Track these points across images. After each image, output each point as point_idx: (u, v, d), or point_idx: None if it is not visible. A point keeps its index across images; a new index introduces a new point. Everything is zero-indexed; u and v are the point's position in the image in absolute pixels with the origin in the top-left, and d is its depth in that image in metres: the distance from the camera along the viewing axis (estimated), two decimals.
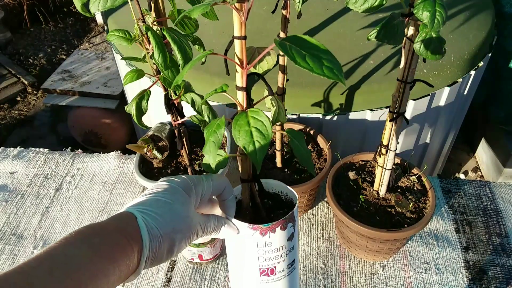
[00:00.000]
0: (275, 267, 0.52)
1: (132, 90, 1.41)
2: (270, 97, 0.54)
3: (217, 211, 0.53)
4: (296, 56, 0.35)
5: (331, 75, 0.35)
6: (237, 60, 0.43)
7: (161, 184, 0.48)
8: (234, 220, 0.51)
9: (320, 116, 1.07)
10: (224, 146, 0.91)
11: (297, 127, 0.99)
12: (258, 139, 0.41)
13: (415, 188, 0.84)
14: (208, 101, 0.66)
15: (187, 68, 0.43)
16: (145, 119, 1.36)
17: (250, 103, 0.48)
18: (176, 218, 0.44)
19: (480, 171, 1.99)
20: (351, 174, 0.86)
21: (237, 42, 0.43)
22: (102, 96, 2.00)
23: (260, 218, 0.53)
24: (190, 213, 0.46)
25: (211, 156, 0.47)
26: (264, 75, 0.51)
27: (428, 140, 1.31)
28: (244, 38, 0.42)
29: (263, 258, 0.51)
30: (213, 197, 0.53)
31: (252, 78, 0.51)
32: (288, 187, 0.56)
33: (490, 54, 1.25)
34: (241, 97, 0.46)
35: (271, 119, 0.54)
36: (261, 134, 0.41)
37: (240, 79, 0.44)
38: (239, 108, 0.48)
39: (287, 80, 0.80)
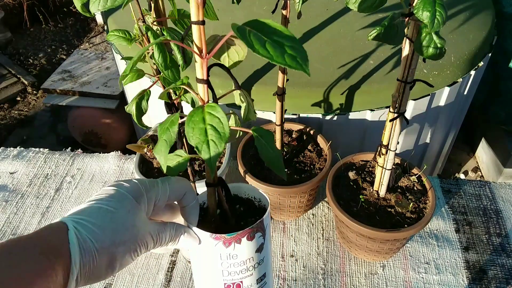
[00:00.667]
0: (241, 282, 0.47)
1: (132, 90, 1.41)
2: (239, 92, 0.49)
3: (179, 219, 0.48)
4: (255, 42, 0.32)
5: (294, 64, 0.31)
6: (195, 49, 0.38)
7: (107, 190, 0.43)
8: (195, 229, 0.46)
9: (320, 116, 1.07)
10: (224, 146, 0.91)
11: (297, 127, 0.99)
12: (213, 138, 0.36)
13: (415, 188, 0.84)
14: None
15: (131, 64, 0.41)
16: (145, 119, 1.36)
17: (214, 98, 0.43)
18: (118, 228, 0.40)
19: (480, 171, 1.99)
20: (351, 174, 0.86)
21: (194, 28, 0.37)
22: (102, 96, 2.00)
23: (229, 227, 0.48)
24: (138, 222, 0.41)
25: (162, 156, 0.43)
26: (233, 67, 0.46)
27: (428, 140, 1.31)
28: (202, 23, 0.37)
29: (228, 271, 0.46)
30: (175, 203, 0.48)
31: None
32: (261, 191, 0.51)
33: (490, 54, 1.25)
34: (201, 90, 0.40)
35: (242, 117, 0.51)
36: (216, 133, 0.36)
37: (200, 70, 0.39)
38: (200, 104, 0.42)
39: (287, 80, 0.80)
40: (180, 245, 0.46)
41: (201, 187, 0.77)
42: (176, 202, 0.48)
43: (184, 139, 0.79)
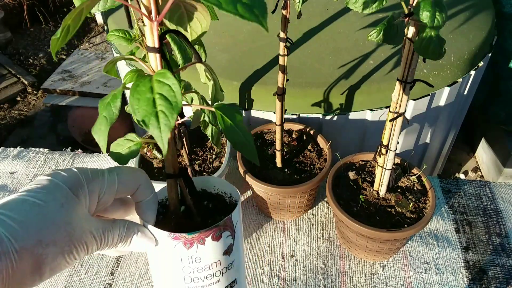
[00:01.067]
0: None
1: None
2: (203, 67, 0.42)
3: (134, 217, 0.42)
4: None
5: (247, 14, 0.26)
6: (143, 9, 0.32)
7: (40, 180, 0.36)
8: (151, 228, 0.39)
9: (320, 116, 1.07)
10: (224, 146, 0.91)
11: (297, 127, 0.99)
12: (162, 109, 0.29)
13: (415, 188, 0.84)
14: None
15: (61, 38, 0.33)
16: None
17: (170, 71, 0.41)
18: (47, 225, 0.33)
19: (480, 171, 1.99)
20: (351, 174, 0.86)
21: None
22: (102, 96, 1.99)
23: (194, 226, 0.40)
24: (75, 218, 0.35)
25: (101, 136, 0.36)
26: (197, 40, 0.39)
27: (428, 140, 1.31)
28: None
29: (191, 277, 0.40)
30: (129, 197, 0.41)
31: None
32: (231, 185, 0.45)
33: (490, 54, 1.25)
34: (153, 61, 0.34)
35: (209, 97, 0.45)
36: (167, 103, 0.29)
37: (150, 36, 0.33)
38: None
39: (287, 80, 0.81)
40: (133, 247, 0.39)
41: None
42: (130, 197, 0.41)
43: (184, 139, 0.79)
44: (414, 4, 0.54)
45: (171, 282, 0.41)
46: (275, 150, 0.90)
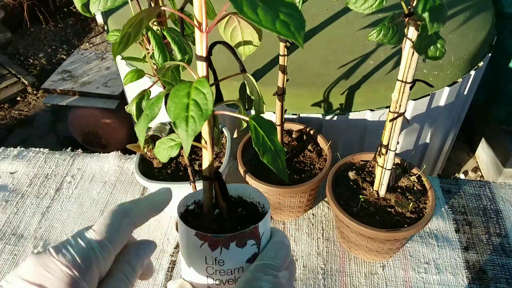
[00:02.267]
0: None
1: (132, 90, 1.41)
2: (250, 77, 0.44)
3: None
4: (245, 4, 0.28)
5: (284, 31, 0.27)
6: (195, 21, 0.34)
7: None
8: (179, 222, 0.41)
9: (320, 116, 1.07)
10: (224, 146, 0.91)
11: (297, 127, 0.99)
12: (193, 115, 0.31)
13: (415, 188, 0.84)
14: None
15: None
16: None
17: (215, 79, 0.38)
18: None
19: (480, 171, 1.99)
20: (351, 174, 0.86)
21: None
22: (102, 96, 2.00)
23: (224, 231, 0.41)
24: None
25: (141, 131, 0.38)
26: (247, 54, 0.40)
27: (428, 140, 1.31)
28: None
29: (213, 279, 0.40)
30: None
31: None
32: (264, 196, 0.46)
33: (490, 54, 1.25)
34: (200, 69, 0.36)
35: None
36: (198, 109, 0.31)
37: (199, 46, 0.35)
38: None
39: (287, 80, 0.81)
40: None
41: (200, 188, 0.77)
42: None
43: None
44: (414, 4, 0.54)
45: (196, 276, 0.41)
46: None
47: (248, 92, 0.45)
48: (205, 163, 0.41)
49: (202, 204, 0.45)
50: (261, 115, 0.40)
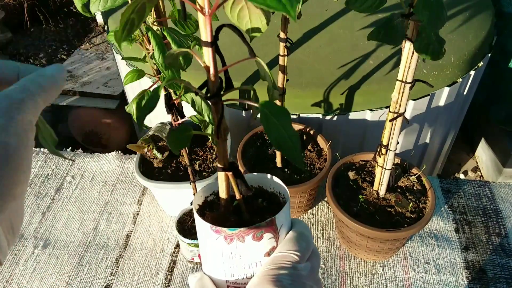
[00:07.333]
0: None
1: (132, 90, 1.41)
2: (264, 65, 0.42)
3: None
4: None
5: (274, 3, 0.25)
6: (197, 5, 0.32)
7: None
8: (196, 216, 0.39)
9: (320, 116, 1.07)
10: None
11: (297, 127, 0.99)
12: None
13: (415, 188, 0.84)
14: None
15: None
16: (145, 119, 1.36)
17: (223, 65, 0.36)
18: None
19: (480, 171, 1.99)
20: (351, 174, 0.86)
21: None
22: (102, 96, 2.00)
23: (243, 223, 0.39)
24: None
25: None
26: (252, 37, 0.38)
27: (428, 140, 1.32)
28: None
29: (231, 273, 0.39)
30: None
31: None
32: (284, 186, 0.44)
33: (490, 54, 1.25)
34: (207, 55, 0.34)
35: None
36: None
37: (204, 30, 0.33)
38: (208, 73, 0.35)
39: (287, 80, 0.81)
40: None
41: (200, 188, 0.77)
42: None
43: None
44: (414, 4, 0.54)
45: (214, 270, 0.40)
46: (275, 150, 0.90)
47: (260, 77, 0.42)
48: (220, 154, 0.39)
49: (217, 197, 0.43)
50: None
